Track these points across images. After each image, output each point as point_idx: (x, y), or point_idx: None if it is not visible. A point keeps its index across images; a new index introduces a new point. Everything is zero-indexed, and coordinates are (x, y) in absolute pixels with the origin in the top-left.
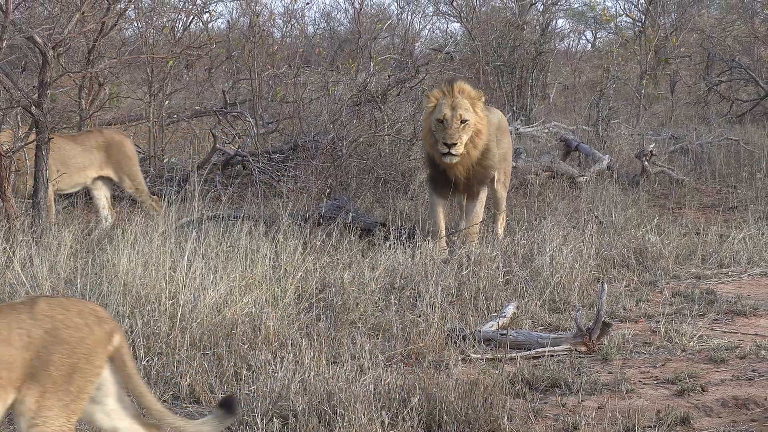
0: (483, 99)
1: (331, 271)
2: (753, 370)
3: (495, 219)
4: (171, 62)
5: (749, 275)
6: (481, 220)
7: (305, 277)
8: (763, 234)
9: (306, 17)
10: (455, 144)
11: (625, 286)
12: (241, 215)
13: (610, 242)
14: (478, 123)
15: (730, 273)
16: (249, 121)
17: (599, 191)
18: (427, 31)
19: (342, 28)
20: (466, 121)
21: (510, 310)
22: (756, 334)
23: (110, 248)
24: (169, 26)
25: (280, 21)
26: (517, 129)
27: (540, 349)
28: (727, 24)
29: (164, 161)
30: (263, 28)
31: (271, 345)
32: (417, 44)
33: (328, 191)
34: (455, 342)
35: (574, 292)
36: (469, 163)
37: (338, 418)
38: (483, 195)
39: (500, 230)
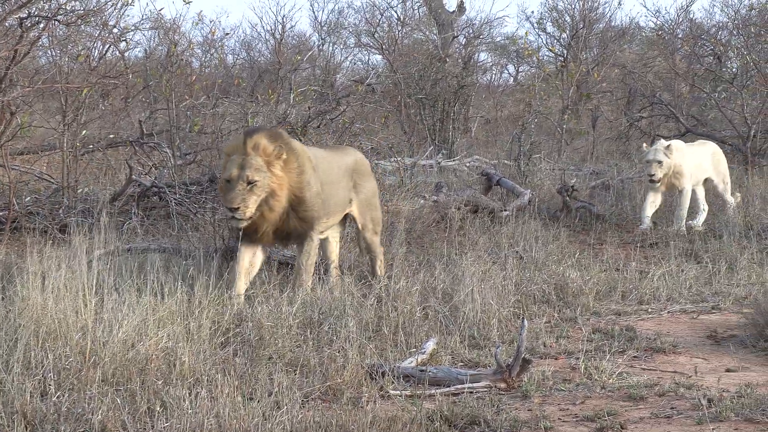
0: (284, 156)
1: (248, 305)
2: (672, 408)
3: (372, 263)
4: (86, 91)
5: (669, 312)
6: (309, 267)
7: (221, 311)
8: (683, 271)
9: (225, 47)
10: (237, 209)
11: (546, 323)
12: (157, 247)
13: (530, 278)
14: (273, 184)
15: (649, 310)
16: (166, 152)
17: (520, 226)
18: (348, 62)
19: (262, 58)
20: (254, 182)
21: (429, 346)
22: (675, 372)
23: (20, 281)
24: (84, 54)
25: (199, 50)
26: (439, 162)
27: (459, 386)
28: (648, 60)
29: (78, 192)
30: (181, 57)
31: (186, 381)
32: (338, 76)
33: None
34: (374, 378)
35: (494, 328)
36: (273, 222)
37: None
38: (309, 245)
39: (380, 271)
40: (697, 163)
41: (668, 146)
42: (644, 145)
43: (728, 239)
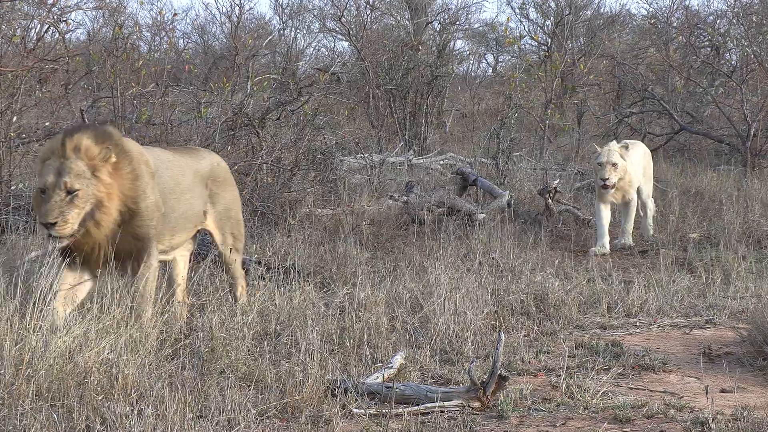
0: (113, 159)
1: (199, 313)
2: (661, 431)
3: (233, 287)
4: (23, 75)
5: (658, 326)
6: (148, 296)
7: (170, 321)
8: (674, 281)
9: (176, 30)
10: (54, 224)
11: (524, 336)
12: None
13: (508, 287)
14: (99, 193)
15: (637, 323)
16: None
17: (498, 230)
18: (312, 49)
19: (217, 43)
20: (74, 191)
21: (397, 360)
22: (665, 392)
23: None
24: (20, 35)
25: (147, 33)
26: (410, 160)
27: (429, 405)
28: (639, 51)
29: (12, 188)
30: (128, 40)
31: (130, 396)
32: (300, 63)
33: None
34: (336, 395)
35: (468, 342)
36: (102, 241)
37: None
38: (147, 269)
39: (242, 298)
40: (640, 168)
41: (625, 146)
42: (594, 144)
43: (724, 247)
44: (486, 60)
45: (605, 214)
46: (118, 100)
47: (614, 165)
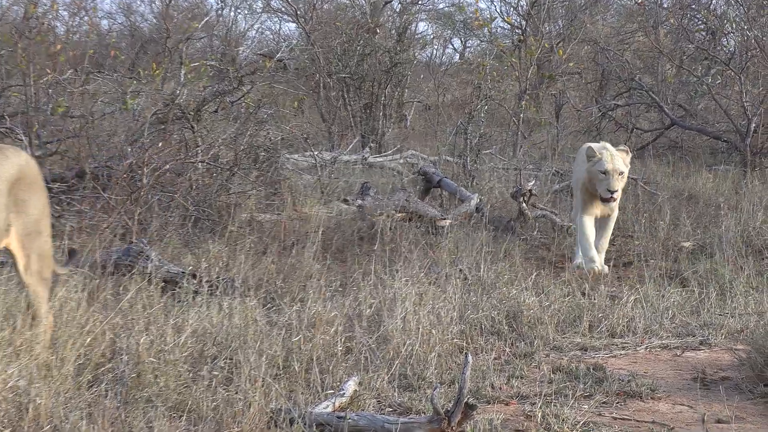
0: None
1: (124, 334)
2: None
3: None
4: None
5: (646, 347)
6: None
7: (90, 342)
8: (663, 296)
9: (99, 10)
10: None
11: (495, 359)
12: (4, 259)
13: (477, 303)
14: None
15: (623, 344)
16: (21, 140)
17: (465, 238)
18: (254, 32)
19: (145, 24)
20: None
21: (350, 386)
22: (653, 422)
23: None
24: None
25: (65, 13)
26: (366, 158)
27: None
28: (625, 35)
29: None
30: (42, 21)
31: (42, 429)
32: (241, 48)
33: (122, 232)
34: (280, 426)
35: (431, 365)
36: None
37: None
38: None
39: (45, 335)
40: None
41: (625, 150)
42: (590, 146)
43: (721, 258)
44: (452, 45)
45: (591, 227)
46: (30, 88)
47: (621, 174)
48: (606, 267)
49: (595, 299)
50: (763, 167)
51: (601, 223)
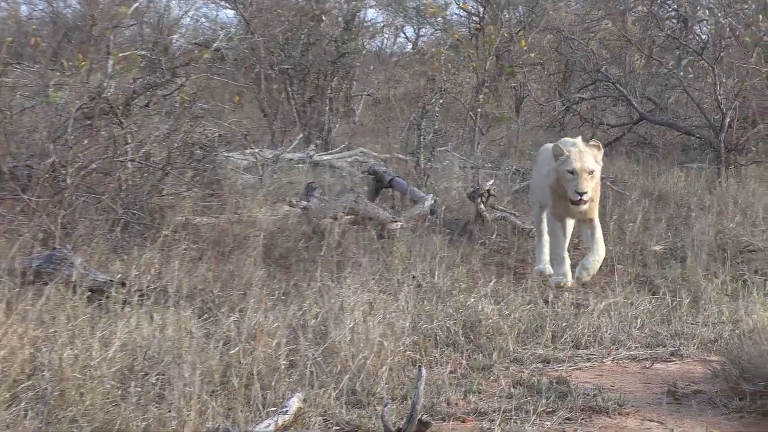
0: None
1: (46, 348)
2: None
3: None
4: None
5: (613, 359)
6: None
7: (8, 357)
8: (631, 304)
9: None
10: None
11: (451, 372)
12: None
13: (431, 312)
14: None
15: (588, 356)
16: None
17: (419, 243)
18: (189, 19)
19: (69, 10)
20: None
21: (294, 403)
22: None
23: None
24: None
25: None
26: (311, 156)
27: None
28: (591, 23)
29: None
30: None
31: None
32: (175, 37)
33: (44, 237)
34: None
35: (382, 380)
36: None
37: None
38: None
39: None
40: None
41: (597, 145)
42: (557, 144)
43: (693, 263)
44: (404, 34)
45: (562, 234)
46: None
47: (591, 173)
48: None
49: (558, 308)
50: (738, 165)
51: (585, 230)
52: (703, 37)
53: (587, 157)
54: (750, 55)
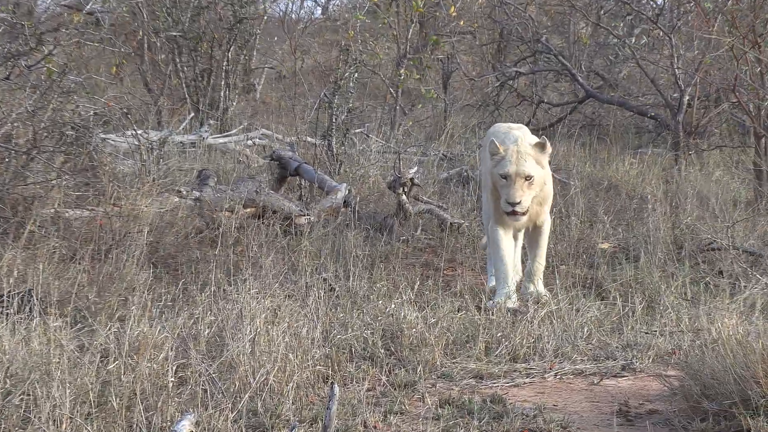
0: None
1: None
2: None
3: None
4: None
5: (556, 374)
6: None
7: None
8: (577, 310)
9: None
10: None
11: (368, 390)
12: None
13: (345, 320)
14: None
15: (527, 370)
16: None
17: (332, 240)
18: None
19: None
20: None
21: (185, 427)
22: None
23: None
24: None
25: None
26: (204, 139)
27: None
28: None
29: None
30: None
31: None
32: None
33: None
34: None
35: (288, 399)
36: None
37: None
38: None
39: None
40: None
41: (542, 143)
42: (493, 141)
43: (647, 263)
44: None
45: (507, 243)
46: None
47: (528, 179)
48: (546, 292)
49: (493, 315)
50: (698, 150)
51: (531, 237)
52: (659, 1)
53: (526, 159)
54: (712, 23)
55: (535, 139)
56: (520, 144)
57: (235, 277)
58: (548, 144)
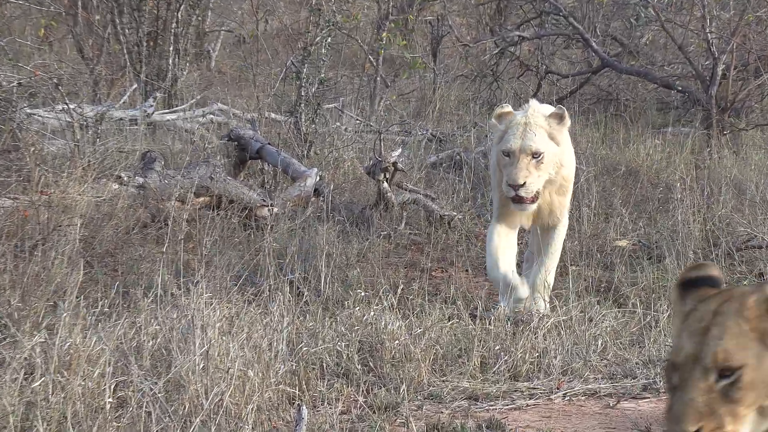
0: None
1: None
2: None
3: None
4: None
5: (565, 395)
6: None
7: None
8: (590, 319)
9: None
10: None
11: (342, 413)
12: None
13: (315, 330)
14: None
15: (530, 390)
16: None
17: (300, 234)
18: None
19: None
20: None
21: None
22: None
23: None
24: None
25: None
26: (149, 115)
27: None
28: None
29: None
30: None
31: None
32: None
33: None
34: None
35: (248, 423)
36: None
37: None
38: None
39: None
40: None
41: (560, 113)
42: (499, 110)
43: (673, 264)
44: None
45: (504, 243)
46: None
47: (536, 156)
48: (547, 310)
49: (490, 324)
50: (735, 129)
51: (542, 239)
52: None
53: (534, 133)
54: None
55: (551, 109)
56: (530, 114)
57: (185, 278)
58: (567, 115)
